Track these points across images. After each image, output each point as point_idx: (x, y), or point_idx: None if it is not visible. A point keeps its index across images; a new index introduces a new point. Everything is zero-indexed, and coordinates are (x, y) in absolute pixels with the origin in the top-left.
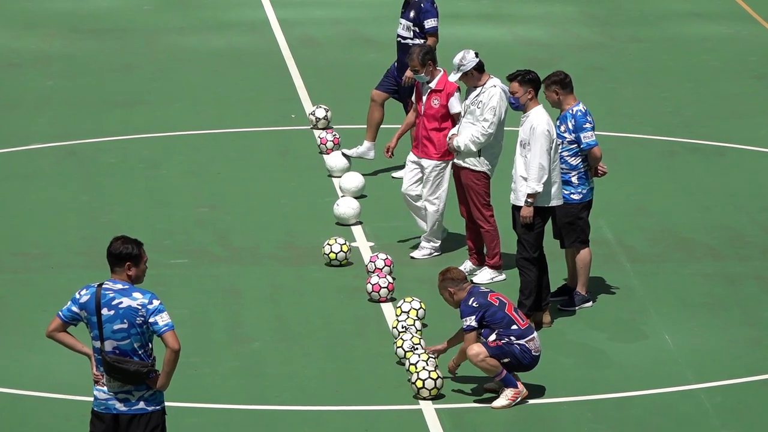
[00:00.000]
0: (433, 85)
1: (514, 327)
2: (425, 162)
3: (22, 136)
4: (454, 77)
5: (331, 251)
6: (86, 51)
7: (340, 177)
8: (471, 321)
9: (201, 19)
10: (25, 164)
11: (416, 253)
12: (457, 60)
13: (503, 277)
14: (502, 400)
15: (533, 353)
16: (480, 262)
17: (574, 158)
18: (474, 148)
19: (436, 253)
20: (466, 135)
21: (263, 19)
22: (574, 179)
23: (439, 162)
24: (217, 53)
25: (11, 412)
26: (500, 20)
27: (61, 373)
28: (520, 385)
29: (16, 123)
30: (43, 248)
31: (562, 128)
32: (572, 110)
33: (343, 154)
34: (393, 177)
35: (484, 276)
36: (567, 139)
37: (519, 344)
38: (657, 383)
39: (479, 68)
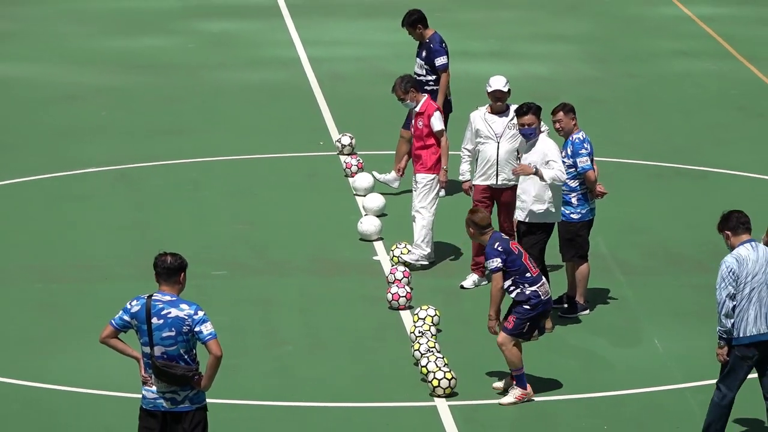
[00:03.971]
0: (418, 108)
1: (528, 275)
2: (418, 176)
3: (79, 161)
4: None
5: (394, 255)
6: (137, 85)
7: (364, 196)
8: (497, 262)
9: (239, 57)
10: (83, 186)
11: (406, 257)
12: (502, 85)
13: None
14: (510, 398)
15: (542, 297)
16: (484, 274)
17: (572, 181)
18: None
19: (423, 261)
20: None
21: (294, 57)
22: (574, 200)
23: (427, 174)
24: (254, 87)
25: (71, 407)
26: (508, 57)
27: (115, 373)
28: (529, 388)
29: (74, 149)
30: (98, 261)
31: (562, 153)
32: (572, 137)
33: (373, 175)
34: None
35: None
36: (567, 164)
37: (531, 290)
38: (648, 383)
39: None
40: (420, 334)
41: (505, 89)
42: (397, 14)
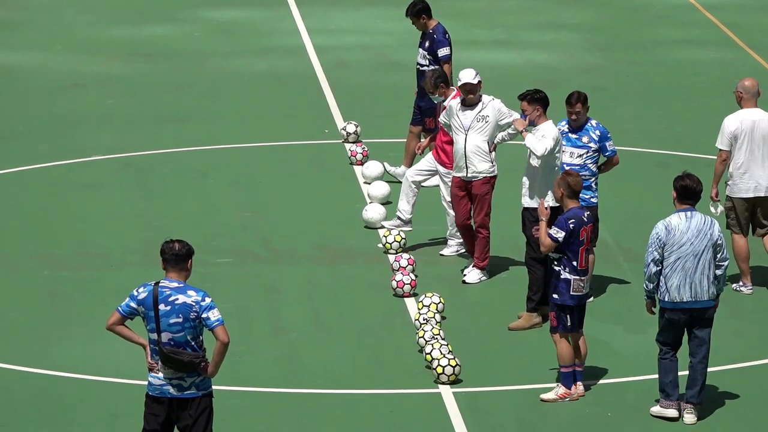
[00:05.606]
0: (445, 103)
1: (575, 263)
2: (440, 168)
3: (86, 149)
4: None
5: (386, 241)
6: (143, 73)
7: (370, 184)
8: (561, 235)
9: (245, 45)
10: (89, 174)
11: (446, 251)
12: (472, 78)
13: (486, 277)
14: (551, 395)
15: (571, 292)
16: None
17: (594, 165)
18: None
19: (462, 249)
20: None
21: (300, 45)
22: (593, 184)
23: (451, 171)
24: (260, 75)
25: (78, 394)
26: (512, 46)
27: (121, 360)
28: (573, 388)
29: (81, 137)
30: (104, 249)
31: (585, 139)
32: (592, 123)
33: (383, 165)
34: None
35: (474, 276)
36: (592, 149)
37: (566, 278)
38: (651, 370)
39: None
40: (424, 321)
41: (475, 81)
42: (402, 3)
